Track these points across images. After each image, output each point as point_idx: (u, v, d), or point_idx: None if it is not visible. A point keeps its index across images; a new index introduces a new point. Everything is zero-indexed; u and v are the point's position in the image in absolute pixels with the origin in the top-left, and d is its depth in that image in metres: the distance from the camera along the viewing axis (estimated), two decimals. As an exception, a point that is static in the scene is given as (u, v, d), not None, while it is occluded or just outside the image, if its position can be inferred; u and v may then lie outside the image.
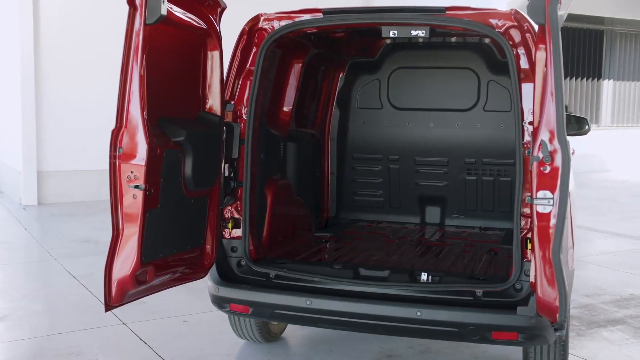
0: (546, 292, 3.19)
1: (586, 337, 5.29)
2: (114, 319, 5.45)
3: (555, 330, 3.41)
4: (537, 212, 3.20)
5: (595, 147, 17.41)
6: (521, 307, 3.50)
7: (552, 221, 3.16)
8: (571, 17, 16.13)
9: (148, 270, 3.49)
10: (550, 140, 3.15)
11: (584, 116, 6.88)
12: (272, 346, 4.96)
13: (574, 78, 17.62)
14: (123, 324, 5.39)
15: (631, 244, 8.92)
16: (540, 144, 3.16)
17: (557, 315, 3.16)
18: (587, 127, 6.74)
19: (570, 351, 4.90)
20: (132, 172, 3.31)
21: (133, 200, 3.33)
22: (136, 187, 3.31)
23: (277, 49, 4.61)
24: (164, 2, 3.29)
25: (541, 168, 3.18)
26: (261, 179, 4.47)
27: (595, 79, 18.02)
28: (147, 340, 5.06)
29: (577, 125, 6.81)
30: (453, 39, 5.71)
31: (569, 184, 3.15)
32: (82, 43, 10.90)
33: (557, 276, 3.12)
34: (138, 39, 3.28)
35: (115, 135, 3.34)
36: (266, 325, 4.88)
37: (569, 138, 7.10)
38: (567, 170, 3.12)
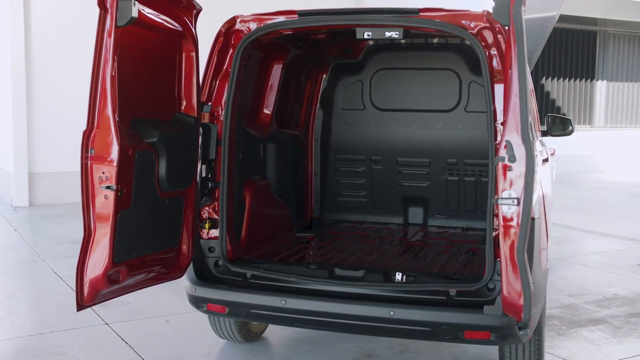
0: (511, 291, 3.22)
1: (566, 337, 5.31)
2: (97, 319, 5.48)
3: (520, 329, 3.44)
4: (502, 211, 3.23)
5: (589, 147, 17.49)
6: (488, 306, 3.52)
7: (517, 221, 3.19)
8: (564, 18, 16.19)
9: (121, 270, 3.52)
10: (515, 141, 3.18)
11: (568, 117, 6.93)
12: (252, 346, 4.99)
13: (567, 79, 17.67)
14: (106, 324, 5.41)
15: (619, 244, 8.94)
16: (505, 145, 3.20)
17: (522, 314, 3.19)
18: (571, 127, 6.80)
19: (549, 351, 4.95)
20: (103, 172, 3.34)
21: (104, 201, 3.36)
22: (108, 187, 3.34)
23: (256, 50, 4.64)
24: (134, 4, 3.32)
25: (506, 168, 3.21)
26: (239, 180, 4.50)
27: (589, 80, 18.06)
28: (128, 340, 5.09)
29: (562, 126, 6.88)
30: (435, 40, 5.75)
31: (533, 184, 3.18)
32: (73, 42, 10.92)
33: (522, 275, 3.15)
34: (109, 41, 3.31)
35: (87, 136, 3.37)
36: (246, 325, 4.91)
37: (553, 139, 7.15)
38: (531, 171, 3.15)
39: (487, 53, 3.84)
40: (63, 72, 10.93)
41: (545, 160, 4.82)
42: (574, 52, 17.62)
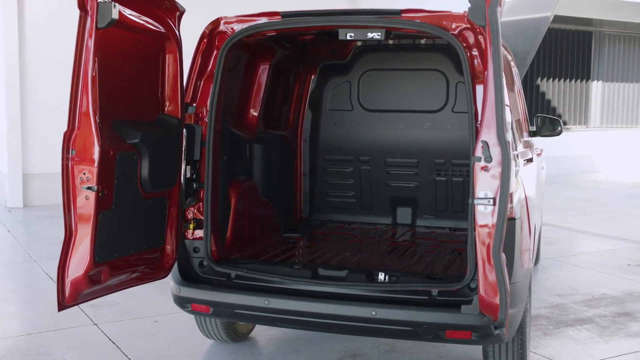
0: (487, 290, 3.24)
1: (552, 336, 5.33)
2: (85, 319, 5.51)
3: (495, 328, 3.45)
4: (478, 211, 3.25)
5: (585, 148, 17.52)
6: (465, 305, 3.54)
7: (493, 221, 3.21)
8: (559, 19, 16.21)
9: (102, 270, 3.54)
10: (491, 141, 3.21)
11: (557, 117, 6.96)
12: (239, 346, 5.01)
13: (562, 79, 17.69)
14: (94, 324, 5.44)
15: (611, 244, 8.96)
16: (481, 145, 3.22)
17: (498, 313, 3.21)
18: (559, 128, 6.84)
19: (534, 350, 4.98)
20: (84, 173, 3.37)
21: (85, 202, 3.38)
22: (88, 188, 3.36)
23: (242, 51, 4.67)
24: (115, 6, 3.34)
25: (482, 169, 3.23)
26: (224, 181, 4.52)
27: (584, 81, 18.08)
28: (115, 340, 5.11)
29: (551, 126, 6.91)
30: (422, 41, 5.78)
31: (510, 185, 3.20)
32: (68, 42, 10.83)
33: (498, 275, 3.17)
34: (90, 42, 3.34)
35: (68, 137, 3.39)
36: (232, 325, 4.93)
37: (548, 139, 7.14)
38: (507, 171, 3.17)
39: (468, 54, 3.86)
40: (57, 72, 10.86)
41: (530, 160, 4.84)
42: (569, 52, 17.64)
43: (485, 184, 3.23)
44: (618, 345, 5.18)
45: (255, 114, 5.07)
